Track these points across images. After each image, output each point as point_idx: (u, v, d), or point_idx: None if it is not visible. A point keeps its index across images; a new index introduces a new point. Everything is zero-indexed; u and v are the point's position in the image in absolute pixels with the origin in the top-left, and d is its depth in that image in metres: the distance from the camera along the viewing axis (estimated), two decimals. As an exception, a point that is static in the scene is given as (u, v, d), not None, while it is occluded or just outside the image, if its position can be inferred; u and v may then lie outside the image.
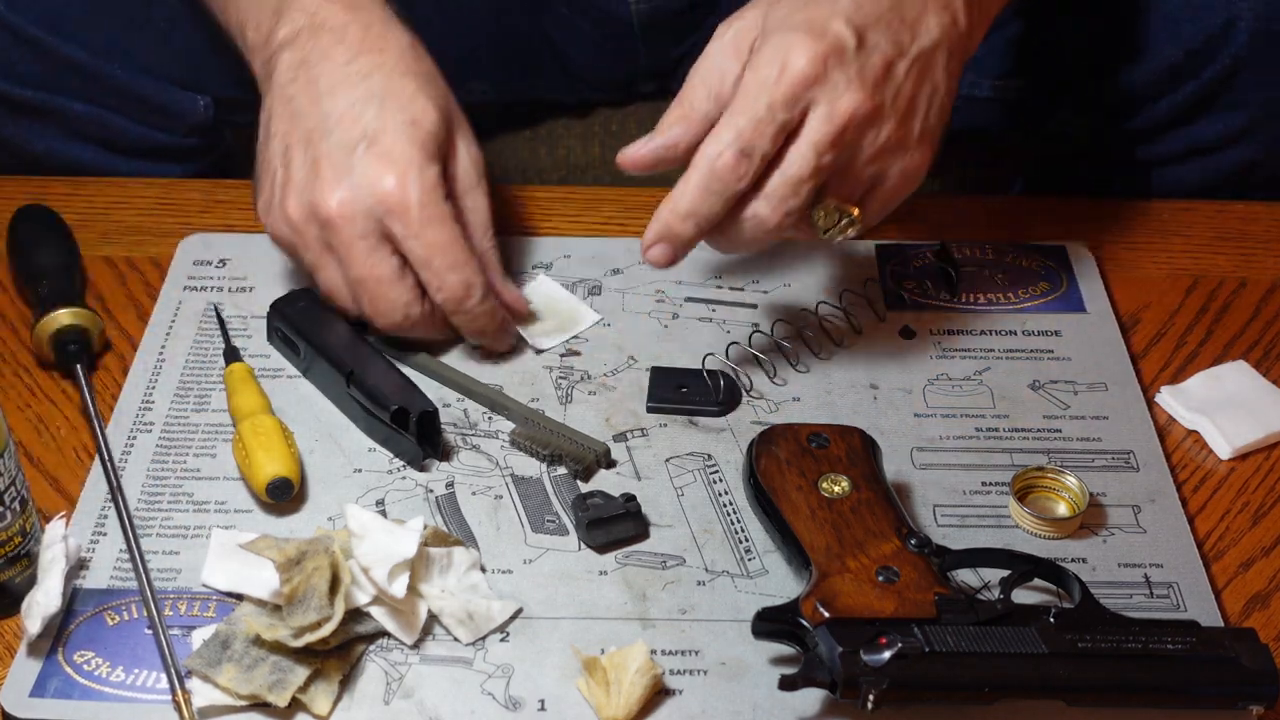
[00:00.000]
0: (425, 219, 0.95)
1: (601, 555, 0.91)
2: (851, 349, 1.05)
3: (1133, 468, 0.96)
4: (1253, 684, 0.80)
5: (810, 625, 0.81)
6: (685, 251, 0.95)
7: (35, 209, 1.12)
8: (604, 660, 0.82)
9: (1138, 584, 0.90)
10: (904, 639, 0.80)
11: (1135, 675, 0.80)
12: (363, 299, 0.98)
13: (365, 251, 0.96)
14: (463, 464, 0.96)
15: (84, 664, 0.85)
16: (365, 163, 0.95)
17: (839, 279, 1.09)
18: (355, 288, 0.98)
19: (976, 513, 0.93)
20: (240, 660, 0.83)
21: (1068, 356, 1.04)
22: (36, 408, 1.01)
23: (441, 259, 0.96)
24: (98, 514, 0.93)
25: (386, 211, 0.95)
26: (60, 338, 1.01)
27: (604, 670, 0.82)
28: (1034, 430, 0.99)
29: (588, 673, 0.82)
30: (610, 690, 0.82)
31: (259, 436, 0.93)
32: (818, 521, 0.87)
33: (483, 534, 0.92)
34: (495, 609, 0.87)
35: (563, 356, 1.04)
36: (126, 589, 0.89)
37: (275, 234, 1.00)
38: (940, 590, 0.83)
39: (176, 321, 1.06)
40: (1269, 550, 0.93)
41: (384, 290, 0.97)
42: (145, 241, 1.14)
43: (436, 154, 0.97)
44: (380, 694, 0.84)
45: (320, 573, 0.83)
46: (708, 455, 0.97)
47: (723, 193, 0.91)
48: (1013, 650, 0.80)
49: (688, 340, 1.05)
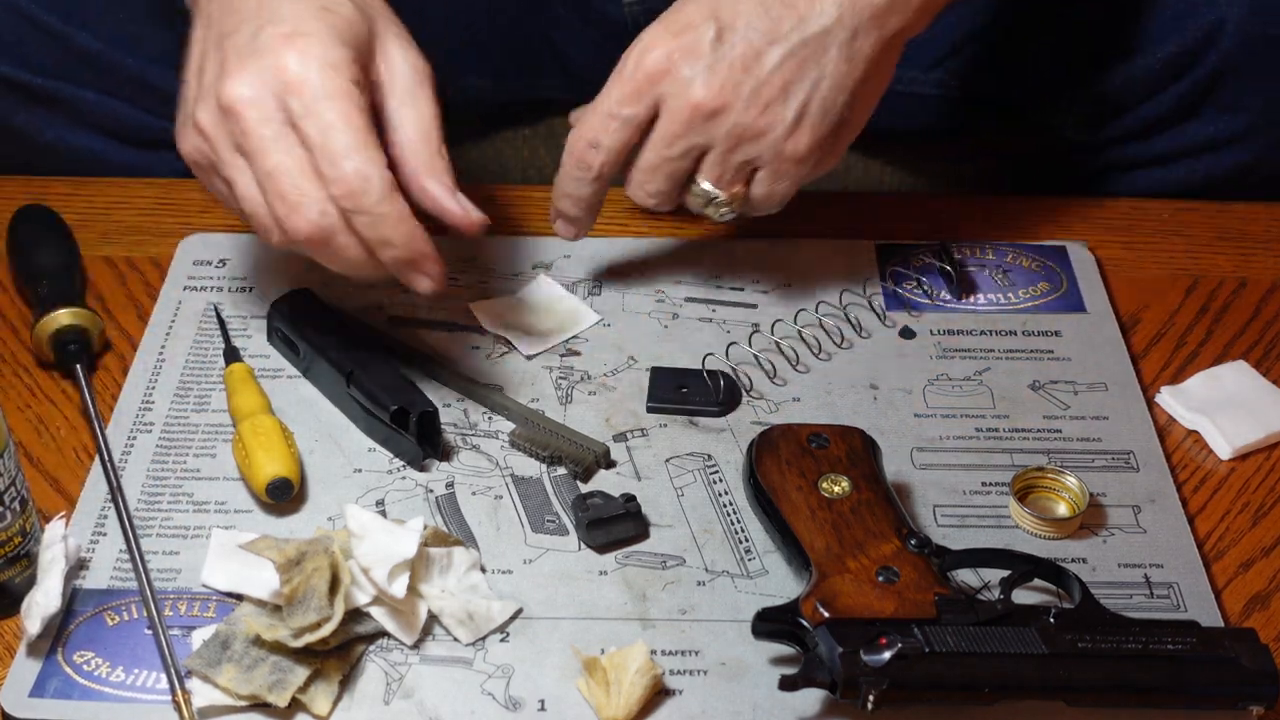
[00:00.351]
0: (323, 94, 0.88)
1: (601, 555, 0.91)
2: (851, 349, 1.05)
3: (1133, 468, 0.96)
4: (1253, 684, 0.80)
5: (810, 625, 0.81)
6: (582, 225, 1.04)
7: (35, 209, 1.12)
8: (604, 660, 0.82)
9: (1138, 584, 0.90)
10: (904, 639, 0.80)
11: (1135, 675, 0.80)
12: (274, 202, 0.89)
13: (270, 139, 0.88)
14: (463, 464, 0.96)
15: (84, 664, 0.85)
16: (269, 43, 0.89)
17: (839, 279, 1.09)
18: (265, 187, 0.89)
19: (976, 513, 0.93)
20: (240, 660, 0.83)
21: (1068, 356, 1.04)
22: (36, 408, 1.01)
23: (336, 140, 0.88)
24: (97, 514, 0.93)
25: (285, 88, 0.88)
26: (60, 338, 1.01)
27: (604, 670, 0.82)
28: (1034, 430, 0.99)
29: (588, 673, 0.82)
30: (610, 690, 0.82)
31: (259, 437, 0.93)
32: (818, 522, 0.87)
33: (483, 534, 0.92)
34: (495, 609, 0.87)
35: (563, 356, 1.04)
36: (126, 589, 0.89)
37: (188, 152, 0.94)
38: (940, 590, 0.83)
39: (176, 321, 1.06)
40: (1269, 550, 0.93)
41: (291, 183, 0.88)
42: (145, 241, 1.14)
43: (352, 42, 0.91)
44: (380, 694, 0.84)
45: (320, 573, 0.83)
46: (708, 455, 0.97)
47: (582, 178, 1.01)
48: (1013, 650, 0.80)
49: (688, 340, 1.05)
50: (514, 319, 1.06)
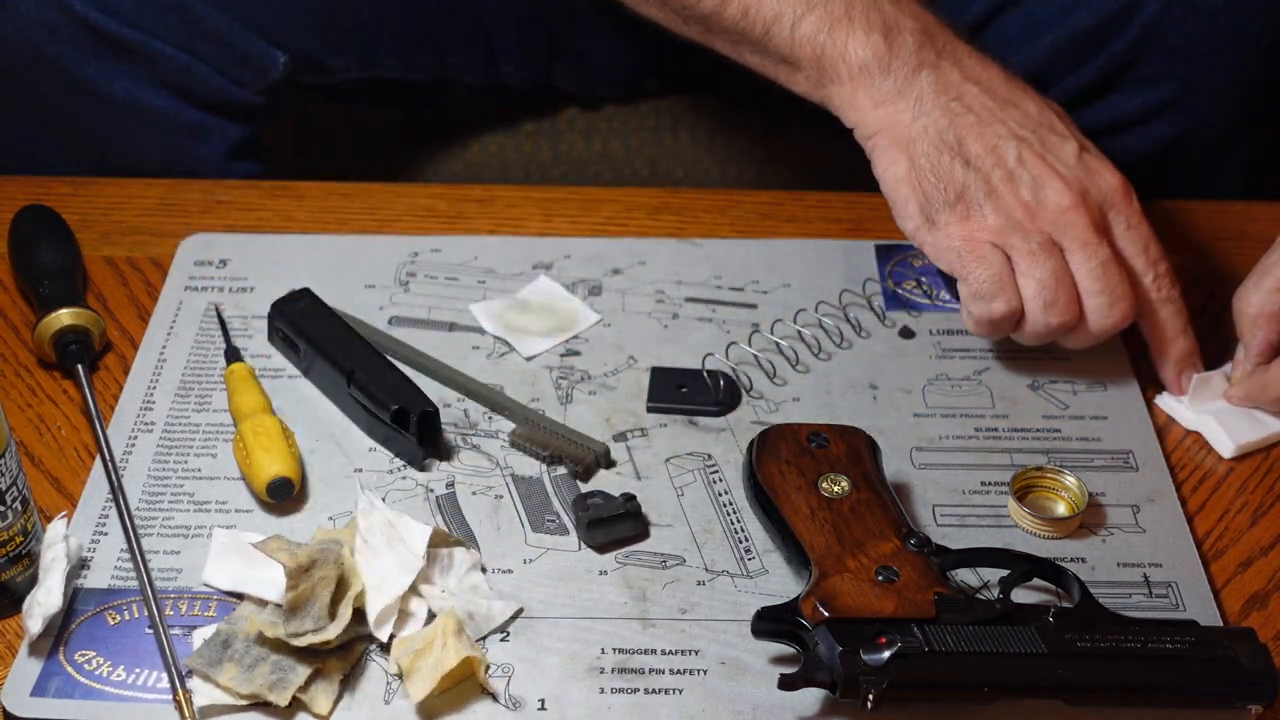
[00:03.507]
0: (1141, 210, 0.98)
1: (601, 555, 0.91)
2: (851, 349, 1.05)
3: (1132, 467, 0.97)
4: (1251, 683, 0.80)
5: (810, 625, 0.82)
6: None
7: (37, 209, 1.12)
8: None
9: (1137, 584, 0.90)
10: (903, 638, 0.80)
11: (1134, 675, 0.80)
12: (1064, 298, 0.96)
13: (1098, 240, 0.95)
14: (463, 464, 0.96)
15: (85, 663, 0.85)
16: (1088, 160, 0.97)
17: (839, 279, 1.09)
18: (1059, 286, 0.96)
19: (976, 512, 0.94)
20: (241, 660, 0.83)
21: (1067, 356, 1.04)
22: (38, 408, 1.01)
23: (1153, 250, 0.98)
24: (99, 514, 0.93)
25: (1110, 203, 0.97)
26: (61, 338, 1.01)
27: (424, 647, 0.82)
28: (1033, 430, 0.99)
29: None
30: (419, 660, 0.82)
31: (260, 436, 0.93)
32: (817, 521, 0.87)
33: (483, 534, 0.92)
34: (495, 609, 0.87)
35: (563, 356, 1.04)
36: (127, 588, 0.89)
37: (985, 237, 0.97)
38: (940, 590, 0.83)
39: (177, 322, 1.06)
40: (1268, 550, 0.93)
41: (1114, 273, 0.96)
42: (146, 242, 1.14)
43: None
44: (381, 694, 0.84)
45: (325, 583, 0.83)
46: (708, 455, 0.97)
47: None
48: (1012, 650, 0.81)
49: (688, 340, 1.05)
50: (514, 319, 1.06)
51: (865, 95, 0.99)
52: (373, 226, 1.15)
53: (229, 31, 1.19)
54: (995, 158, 0.97)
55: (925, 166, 0.98)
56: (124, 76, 1.18)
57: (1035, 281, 0.96)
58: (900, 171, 0.99)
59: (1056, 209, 0.95)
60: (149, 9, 1.17)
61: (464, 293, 1.08)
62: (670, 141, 1.37)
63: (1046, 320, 0.96)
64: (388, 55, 1.28)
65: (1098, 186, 0.97)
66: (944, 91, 0.98)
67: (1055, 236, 0.96)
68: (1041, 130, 0.98)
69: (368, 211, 1.17)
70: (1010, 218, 0.96)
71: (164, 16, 1.17)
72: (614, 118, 1.37)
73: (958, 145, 0.97)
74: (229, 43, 1.19)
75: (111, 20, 1.16)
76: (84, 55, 1.16)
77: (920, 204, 0.98)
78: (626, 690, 0.84)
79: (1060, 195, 0.95)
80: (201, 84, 1.20)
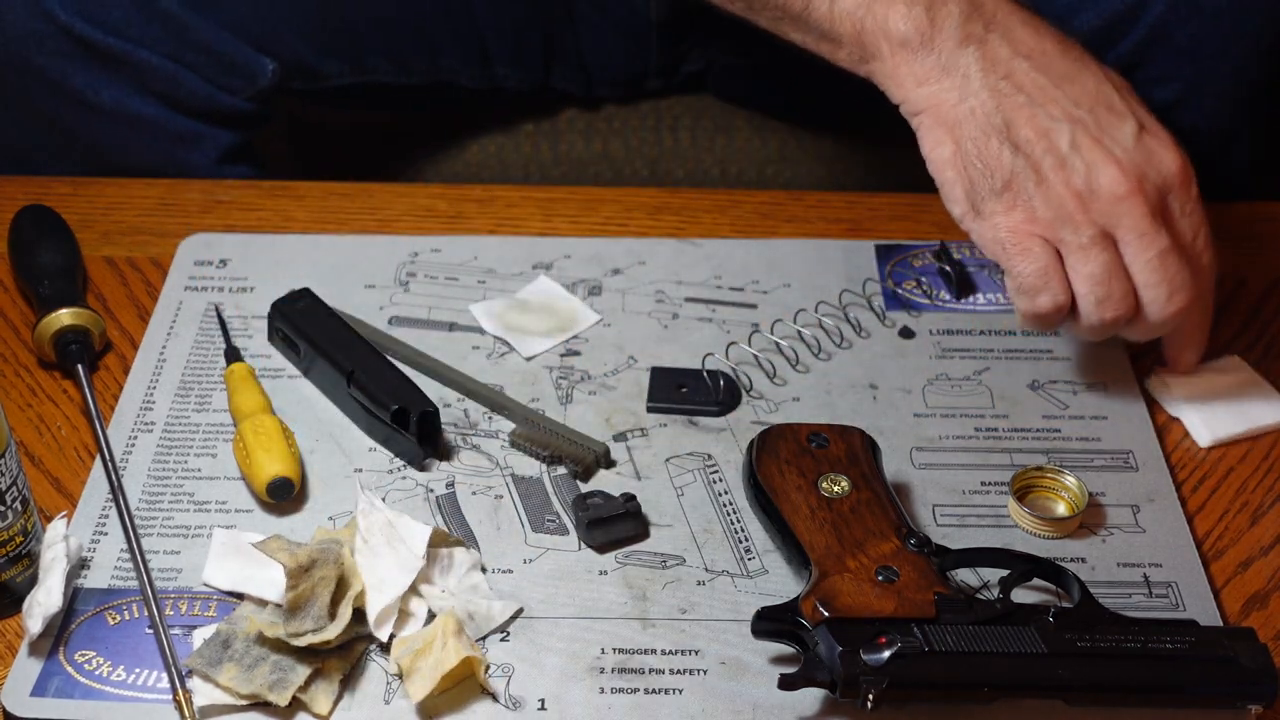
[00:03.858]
0: (1198, 196, 0.94)
1: (601, 555, 0.91)
2: (851, 349, 1.05)
3: (1132, 467, 0.97)
4: (1251, 683, 0.80)
5: (810, 625, 0.82)
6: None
7: (36, 209, 1.12)
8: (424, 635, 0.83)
9: (1137, 583, 0.90)
10: (903, 638, 0.80)
11: (1134, 675, 0.80)
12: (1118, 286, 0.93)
13: (1155, 229, 0.92)
14: (463, 464, 0.97)
15: (85, 663, 0.85)
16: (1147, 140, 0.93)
17: (839, 279, 1.09)
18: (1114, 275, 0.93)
19: (976, 512, 0.94)
20: (241, 659, 0.83)
21: (1067, 356, 1.04)
22: (38, 407, 1.01)
23: (1200, 240, 0.94)
24: (99, 513, 0.93)
25: (1169, 187, 0.93)
26: (61, 338, 1.01)
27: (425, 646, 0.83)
28: (1033, 430, 0.99)
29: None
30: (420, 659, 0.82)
31: (260, 436, 0.93)
32: (817, 521, 0.87)
33: (483, 534, 0.92)
34: (496, 609, 0.87)
35: (563, 356, 1.04)
36: (127, 588, 0.89)
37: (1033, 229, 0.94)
38: (940, 590, 0.83)
39: (177, 321, 1.06)
40: (1268, 550, 0.93)
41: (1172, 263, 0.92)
42: (146, 242, 1.14)
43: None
44: (381, 694, 0.84)
45: (325, 583, 0.83)
46: (708, 455, 0.97)
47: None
48: (1012, 650, 0.81)
49: (688, 340, 1.05)
50: (514, 319, 1.06)
51: (908, 72, 0.95)
52: (373, 226, 1.15)
53: (216, 40, 1.19)
54: (1046, 143, 0.93)
55: (971, 151, 0.94)
56: (111, 86, 1.19)
57: (1087, 277, 0.93)
58: (946, 154, 0.95)
59: (1111, 197, 0.92)
60: (135, 19, 1.17)
61: (464, 293, 1.08)
62: (670, 141, 1.37)
63: (1100, 316, 0.93)
64: (381, 60, 1.28)
65: (1156, 170, 0.92)
66: (992, 69, 0.94)
67: (1110, 225, 0.92)
68: (1098, 109, 0.94)
69: (368, 211, 1.17)
70: (1061, 209, 0.92)
71: (150, 26, 1.17)
72: (614, 118, 1.37)
73: (1006, 129, 0.93)
74: (216, 51, 1.19)
75: (97, 30, 1.16)
76: (71, 65, 1.17)
77: (966, 190, 0.94)
78: (627, 690, 0.84)
79: (1115, 183, 0.91)
80: (189, 93, 1.20)
